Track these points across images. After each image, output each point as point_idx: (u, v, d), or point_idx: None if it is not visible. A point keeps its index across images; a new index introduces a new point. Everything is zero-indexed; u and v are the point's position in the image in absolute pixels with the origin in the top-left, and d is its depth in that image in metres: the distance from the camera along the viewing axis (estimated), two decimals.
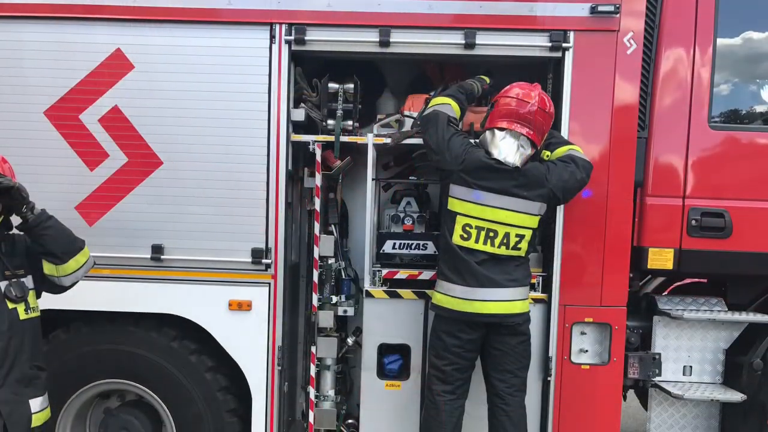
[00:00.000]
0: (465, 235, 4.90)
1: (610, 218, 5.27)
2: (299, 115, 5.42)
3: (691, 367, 5.70)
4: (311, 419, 5.58)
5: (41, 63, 5.28)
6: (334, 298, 5.67)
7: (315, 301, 5.53)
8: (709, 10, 5.33)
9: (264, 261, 5.31)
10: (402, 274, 5.51)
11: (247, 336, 5.37)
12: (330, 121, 5.48)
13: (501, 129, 4.90)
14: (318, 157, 5.42)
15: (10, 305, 4.00)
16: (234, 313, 5.35)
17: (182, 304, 5.37)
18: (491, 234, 4.87)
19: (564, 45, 5.19)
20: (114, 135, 5.28)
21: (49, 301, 4.48)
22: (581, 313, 5.35)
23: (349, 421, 5.91)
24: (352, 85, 5.48)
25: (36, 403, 4.13)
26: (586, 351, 5.41)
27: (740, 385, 5.48)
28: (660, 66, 5.39)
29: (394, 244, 5.58)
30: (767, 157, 5.40)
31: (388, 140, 5.42)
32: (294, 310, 5.95)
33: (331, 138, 5.43)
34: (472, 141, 5.05)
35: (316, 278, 5.53)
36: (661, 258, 5.41)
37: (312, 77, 5.54)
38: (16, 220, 4.12)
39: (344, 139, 5.44)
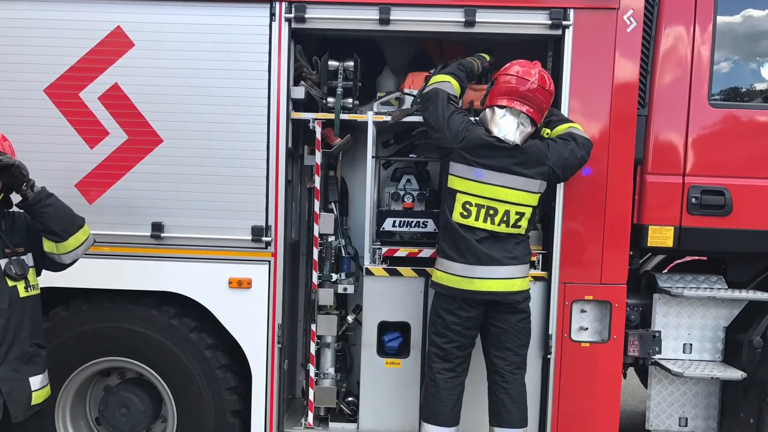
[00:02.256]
0: (465, 213, 4.90)
1: (610, 196, 5.26)
2: (299, 92, 5.41)
3: (691, 344, 5.70)
4: (311, 397, 5.60)
5: (41, 41, 5.27)
6: (334, 276, 5.66)
7: (315, 279, 5.54)
8: None
9: (264, 239, 5.32)
10: (402, 251, 5.52)
11: (247, 314, 5.39)
12: (330, 99, 5.46)
13: (501, 107, 4.89)
14: (318, 135, 5.42)
15: (10, 283, 4.01)
16: (234, 291, 5.36)
17: (182, 282, 5.38)
18: (491, 212, 4.87)
19: (564, 23, 5.17)
20: (114, 113, 5.29)
21: (49, 279, 4.49)
22: (581, 290, 5.35)
23: (349, 398, 5.89)
24: (352, 63, 5.46)
25: (36, 381, 4.16)
26: (586, 329, 5.41)
27: (740, 363, 5.46)
28: (660, 44, 5.38)
29: (394, 221, 5.60)
30: (767, 134, 5.40)
31: (388, 118, 5.42)
32: (294, 287, 5.97)
33: (331, 116, 5.41)
34: (472, 119, 5.04)
35: (316, 256, 5.53)
36: (661, 236, 5.40)
37: (312, 55, 5.52)
38: (16, 197, 4.13)
39: (344, 116, 5.43)
